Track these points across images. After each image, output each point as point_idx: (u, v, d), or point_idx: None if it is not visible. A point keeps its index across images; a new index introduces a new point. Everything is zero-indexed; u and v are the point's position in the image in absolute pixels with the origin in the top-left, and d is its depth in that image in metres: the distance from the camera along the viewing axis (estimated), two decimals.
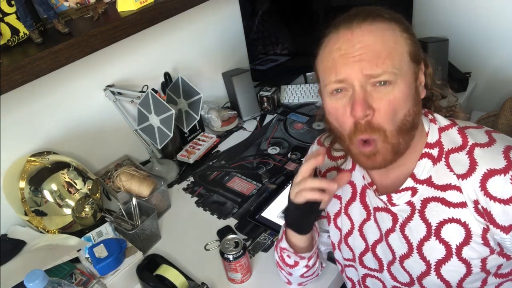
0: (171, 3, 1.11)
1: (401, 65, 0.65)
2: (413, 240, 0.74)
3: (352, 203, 0.82)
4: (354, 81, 0.64)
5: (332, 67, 0.66)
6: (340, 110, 0.67)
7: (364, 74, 0.63)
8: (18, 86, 0.86)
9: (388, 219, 0.76)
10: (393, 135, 0.66)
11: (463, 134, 0.70)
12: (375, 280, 0.85)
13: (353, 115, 0.65)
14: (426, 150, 0.71)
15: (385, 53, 0.64)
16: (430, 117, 0.74)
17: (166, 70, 1.40)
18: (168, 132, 1.15)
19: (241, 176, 1.33)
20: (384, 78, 0.63)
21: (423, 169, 0.71)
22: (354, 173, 0.82)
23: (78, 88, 1.21)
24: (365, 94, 0.64)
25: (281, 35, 1.64)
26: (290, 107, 1.64)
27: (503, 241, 0.67)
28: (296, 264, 0.86)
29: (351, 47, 0.64)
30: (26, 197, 1.07)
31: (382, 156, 0.67)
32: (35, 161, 1.11)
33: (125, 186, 1.16)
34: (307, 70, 1.74)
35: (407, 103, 0.66)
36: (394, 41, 0.65)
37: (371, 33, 0.65)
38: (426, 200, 0.71)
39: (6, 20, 0.92)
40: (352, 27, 0.65)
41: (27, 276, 0.71)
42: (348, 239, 0.85)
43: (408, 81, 0.66)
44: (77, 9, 1.09)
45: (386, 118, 0.64)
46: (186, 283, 0.94)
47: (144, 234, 1.10)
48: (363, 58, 0.63)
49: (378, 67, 0.63)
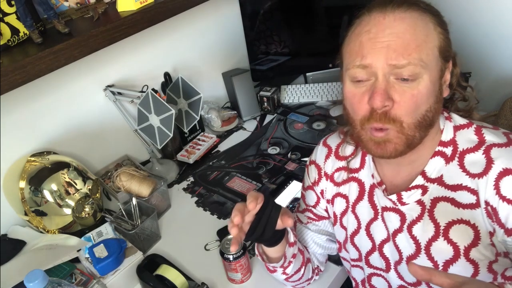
0: (171, 3, 1.11)
1: (429, 59, 0.63)
2: (421, 240, 0.73)
3: (359, 202, 0.81)
4: (378, 69, 0.63)
5: (359, 50, 0.64)
6: (357, 96, 0.66)
7: (389, 64, 0.62)
8: (18, 86, 0.86)
9: (396, 219, 0.75)
10: (410, 128, 0.64)
11: (480, 134, 0.69)
12: (381, 279, 0.84)
13: (371, 104, 0.63)
14: (439, 148, 0.70)
15: (414, 44, 0.62)
16: (446, 115, 0.73)
17: (166, 70, 1.40)
18: (168, 132, 1.15)
19: (241, 176, 1.33)
20: (409, 71, 0.62)
21: (434, 168, 0.70)
22: (363, 171, 0.81)
23: (78, 88, 1.22)
24: (387, 85, 0.63)
25: (281, 35, 1.64)
26: (290, 107, 1.64)
27: (505, 243, 0.66)
28: (274, 271, 0.86)
29: (381, 31, 0.63)
30: (26, 197, 1.07)
31: (394, 146, 0.65)
32: (35, 161, 1.11)
33: (125, 186, 1.16)
34: (307, 70, 1.74)
35: (430, 99, 0.64)
36: (426, 33, 0.63)
37: (403, 21, 0.63)
38: (436, 199, 0.70)
39: (6, 20, 0.92)
40: (386, 11, 0.64)
41: (27, 276, 0.71)
42: (355, 238, 0.84)
43: (433, 77, 0.64)
44: (77, 9, 1.09)
45: (406, 111, 0.63)
46: (186, 283, 0.94)
47: (144, 234, 1.10)
48: (391, 46, 0.62)
49: (404, 58, 0.61)
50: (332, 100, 1.61)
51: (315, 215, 0.90)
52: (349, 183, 0.83)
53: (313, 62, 1.71)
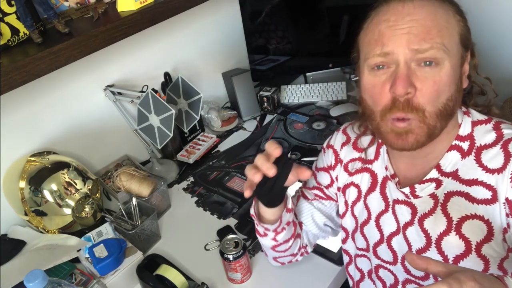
0: (171, 3, 1.11)
1: (450, 44, 0.62)
2: (432, 234, 0.72)
3: (371, 193, 0.81)
4: (399, 56, 0.62)
5: (378, 39, 0.64)
6: (378, 87, 0.65)
7: (411, 48, 0.61)
8: (18, 86, 0.86)
9: (407, 212, 0.75)
10: (432, 117, 0.63)
11: (498, 129, 0.69)
12: (387, 273, 0.83)
13: (393, 91, 0.62)
14: (456, 142, 0.70)
15: (436, 30, 0.61)
16: (464, 109, 0.72)
17: (166, 70, 1.40)
18: (168, 132, 1.15)
19: (241, 176, 1.33)
20: (431, 54, 0.61)
21: (450, 162, 0.70)
22: (377, 163, 0.81)
23: (78, 88, 1.22)
24: (408, 71, 0.62)
25: (281, 35, 1.64)
26: (290, 107, 1.64)
27: None
28: (265, 235, 0.84)
29: (400, 19, 0.62)
30: (26, 197, 1.07)
31: (415, 137, 0.64)
32: (35, 161, 1.11)
33: (125, 186, 1.16)
34: (307, 70, 1.74)
35: (452, 87, 0.63)
36: (446, 20, 0.63)
37: (423, 8, 0.62)
38: (449, 193, 0.70)
39: (6, 20, 0.92)
40: (404, 0, 0.63)
41: (27, 276, 0.71)
42: (364, 228, 0.84)
43: (455, 64, 0.64)
44: (77, 9, 1.09)
45: (428, 98, 0.62)
46: (186, 283, 0.94)
47: (144, 234, 1.10)
48: (412, 31, 0.61)
49: (426, 42, 0.60)
50: (332, 100, 1.61)
51: (325, 194, 0.90)
52: (362, 174, 0.83)
53: (313, 62, 1.71)
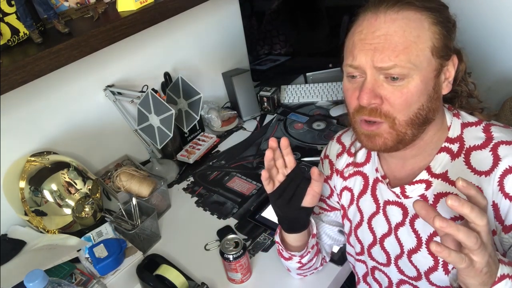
0: (171, 3, 1.11)
1: (419, 60, 0.63)
2: (422, 234, 0.73)
3: (363, 196, 0.83)
4: (366, 70, 0.65)
5: (352, 49, 0.67)
6: (350, 91, 0.69)
7: (375, 66, 0.64)
8: (18, 86, 0.86)
9: (398, 212, 0.76)
10: (402, 125, 0.66)
11: (488, 131, 0.69)
12: (382, 275, 0.85)
13: (359, 101, 0.66)
14: (445, 144, 0.71)
15: (402, 46, 0.63)
16: (454, 112, 0.73)
17: (166, 70, 1.40)
18: (168, 132, 1.15)
19: (241, 176, 1.33)
20: (396, 72, 0.63)
21: (440, 163, 0.71)
22: (368, 165, 0.83)
23: (78, 88, 1.21)
24: (374, 83, 0.65)
25: (281, 35, 1.64)
26: (290, 107, 1.64)
27: (502, 241, 0.66)
28: (290, 259, 0.88)
29: (371, 33, 0.64)
30: (26, 197, 1.07)
31: (384, 140, 0.67)
32: (35, 161, 1.11)
33: (125, 186, 1.16)
34: (307, 70, 1.74)
35: (421, 98, 0.65)
36: (417, 34, 0.64)
37: (394, 22, 0.64)
38: (439, 195, 0.71)
39: (6, 20, 0.92)
40: (378, 12, 0.65)
41: (27, 276, 0.71)
42: (358, 231, 0.86)
43: (425, 77, 0.65)
44: (77, 9, 1.09)
45: (398, 108, 0.65)
46: (186, 283, 0.94)
47: (144, 234, 1.10)
48: (378, 48, 0.63)
49: (390, 60, 0.62)
50: (332, 100, 1.61)
51: (328, 205, 0.93)
52: (355, 177, 0.85)
53: (313, 62, 1.71)
